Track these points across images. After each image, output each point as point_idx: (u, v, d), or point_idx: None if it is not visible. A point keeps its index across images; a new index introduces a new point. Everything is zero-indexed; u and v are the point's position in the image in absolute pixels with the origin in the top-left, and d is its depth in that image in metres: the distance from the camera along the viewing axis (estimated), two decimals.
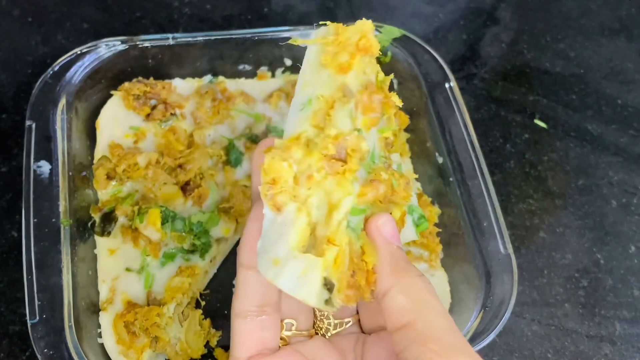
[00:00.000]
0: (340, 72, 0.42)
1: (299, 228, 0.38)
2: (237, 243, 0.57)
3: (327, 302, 0.38)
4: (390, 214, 0.43)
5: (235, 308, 0.43)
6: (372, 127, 0.42)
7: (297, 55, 0.72)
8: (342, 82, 0.41)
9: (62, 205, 0.57)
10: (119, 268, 0.61)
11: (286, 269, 0.38)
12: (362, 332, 0.48)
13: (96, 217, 0.63)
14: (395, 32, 0.70)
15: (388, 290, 0.39)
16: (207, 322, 0.60)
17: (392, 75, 0.45)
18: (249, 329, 0.42)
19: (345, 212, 0.39)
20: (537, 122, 0.79)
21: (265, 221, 0.40)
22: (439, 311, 0.39)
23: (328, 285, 0.38)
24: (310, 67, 0.43)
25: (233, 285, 0.58)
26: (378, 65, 0.45)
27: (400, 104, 0.44)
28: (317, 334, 0.47)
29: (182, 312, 0.59)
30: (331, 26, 0.43)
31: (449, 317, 0.39)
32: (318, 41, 0.43)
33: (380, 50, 0.43)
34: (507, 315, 0.55)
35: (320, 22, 0.44)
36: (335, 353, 0.45)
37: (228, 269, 0.65)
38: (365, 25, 0.43)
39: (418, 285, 0.39)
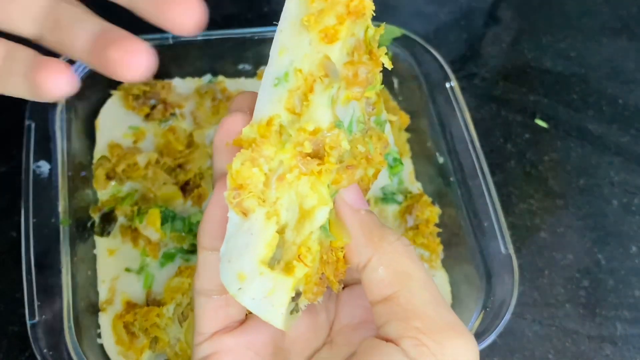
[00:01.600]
0: (325, 41, 0.35)
1: (267, 240, 0.35)
2: None
3: (292, 311, 0.36)
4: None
5: (197, 287, 0.40)
6: (353, 100, 0.37)
7: None
8: (325, 56, 0.35)
9: (62, 205, 0.57)
10: (119, 268, 0.60)
11: (252, 286, 0.35)
12: None
13: (96, 217, 0.63)
14: (396, 31, 0.69)
15: (367, 262, 0.36)
16: None
17: (382, 28, 0.38)
18: (214, 307, 0.40)
19: (320, 223, 0.35)
20: (538, 122, 0.79)
21: (230, 224, 0.36)
22: (423, 283, 0.36)
23: (294, 296, 0.35)
24: (290, 25, 0.36)
25: None
26: (372, 5, 0.36)
27: (390, 66, 0.37)
28: None
29: (182, 313, 0.59)
30: None
31: (433, 289, 0.36)
32: None
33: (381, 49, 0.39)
34: (507, 315, 0.55)
35: None
36: (306, 314, 0.41)
37: None
38: None
39: (399, 252, 0.36)
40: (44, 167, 0.59)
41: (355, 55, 0.36)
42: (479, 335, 0.55)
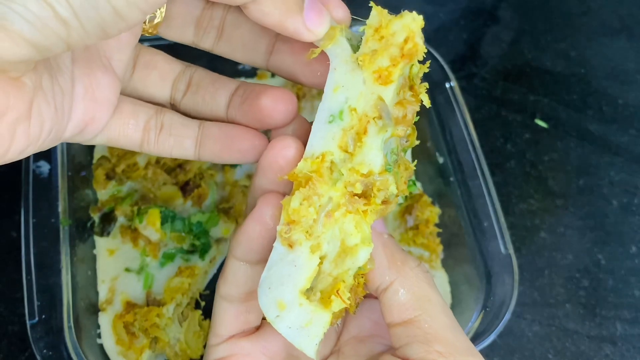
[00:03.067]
0: (379, 82, 0.36)
1: (309, 273, 0.36)
2: None
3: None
4: None
5: (221, 290, 0.41)
6: (397, 137, 0.38)
7: None
8: (379, 97, 0.36)
9: (62, 205, 0.57)
10: (119, 268, 0.60)
11: (290, 315, 0.36)
12: None
13: (95, 217, 0.63)
14: None
15: (389, 285, 0.38)
16: (207, 322, 0.60)
17: (427, 65, 0.39)
18: (235, 313, 0.41)
19: (362, 263, 0.37)
20: (538, 122, 0.79)
21: (274, 253, 0.37)
22: (442, 308, 0.38)
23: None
24: (343, 62, 0.37)
25: None
26: (424, 49, 0.37)
27: (428, 104, 0.38)
28: None
29: (182, 313, 0.59)
30: (374, 12, 0.36)
31: (451, 315, 0.38)
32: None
33: None
34: (507, 315, 0.55)
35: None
36: None
37: None
38: (414, 21, 0.35)
39: (419, 278, 0.38)
40: (44, 167, 0.59)
41: (401, 94, 0.37)
42: (479, 335, 0.55)
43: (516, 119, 0.79)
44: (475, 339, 0.54)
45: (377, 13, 0.36)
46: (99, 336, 0.57)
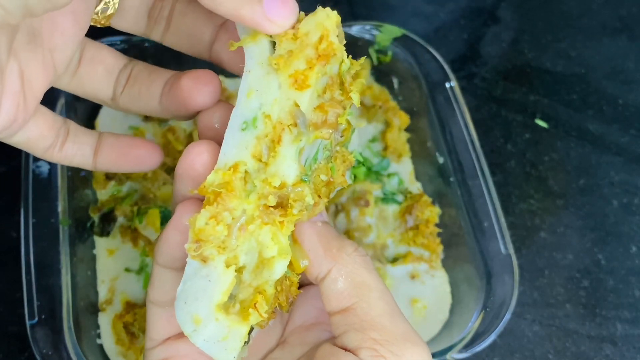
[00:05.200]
0: (295, 87, 0.34)
1: (224, 288, 0.35)
2: None
3: (244, 344, 0.36)
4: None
5: (150, 296, 0.41)
6: (321, 139, 0.36)
7: None
8: (295, 103, 0.34)
9: (61, 205, 0.57)
10: (118, 268, 0.60)
11: (206, 330, 0.35)
12: None
13: (95, 217, 0.63)
14: (396, 31, 0.69)
15: (326, 273, 0.37)
16: None
17: (359, 61, 0.36)
18: (167, 317, 0.40)
19: (279, 276, 0.35)
20: (538, 121, 0.79)
21: (188, 267, 0.36)
22: (380, 294, 0.37)
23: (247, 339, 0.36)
24: (258, 65, 0.35)
25: None
26: (344, 52, 0.35)
27: (358, 104, 0.36)
28: None
29: None
30: None
31: (389, 300, 0.37)
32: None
33: (381, 49, 0.38)
34: (507, 315, 0.55)
35: None
36: None
37: None
38: (327, 19, 0.33)
39: (357, 264, 0.37)
40: (44, 167, 0.59)
41: (327, 94, 0.35)
42: (479, 335, 0.55)
43: (516, 119, 0.79)
44: (476, 339, 0.54)
45: None
46: (99, 336, 0.57)
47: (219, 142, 0.37)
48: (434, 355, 0.54)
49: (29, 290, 0.52)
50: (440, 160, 0.66)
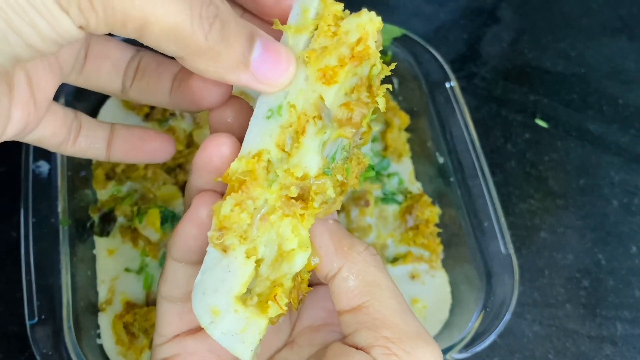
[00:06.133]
0: (322, 81, 0.34)
1: (244, 279, 0.35)
2: None
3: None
4: None
5: (161, 291, 0.40)
6: (343, 138, 0.36)
7: None
8: (320, 97, 0.34)
9: (61, 205, 0.57)
10: (118, 268, 0.60)
11: (224, 322, 0.35)
12: None
13: (95, 217, 0.63)
14: (396, 31, 0.69)
15: (337, 271, 0.37)
16: None
17: (390, 67, 0.37)
18: (178, 313, 0.40)
19: (299, 269, 0.35)
20: (538, 121, 0.79)
21: (208, 257, 0.35)
22: (392, 293, 0.37)
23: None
24: None
25: None
26: (378, 57, 0.35)
27: (384, 108, 0.36)
28: None
29: None
30: (329, 5, 0.34)
31: (401, 299, 0.37)
32: (303, 28, 0.34)
33: (381, 49, 0.38)
34: (508, 315, 0.55)
35: None
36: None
37: None
38: (370, 22, 0.33)
39: (367, 262, 0.37)
40: (44, 167, 0.59)
41: (354, 95, 0.35)
42: (479, 335, 0.55)
43: (516, 118, 0.79)
44: (476, 339, 0.54)
45: (331, 6, 0.34)
46: (99, 336, 0.57)
47: (232, 134, 0.37)
48: None
49: (29, 290, 0.52)
50: (440, 160, 0.65)
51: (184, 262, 0.39)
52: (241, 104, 0.39)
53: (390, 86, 0.36)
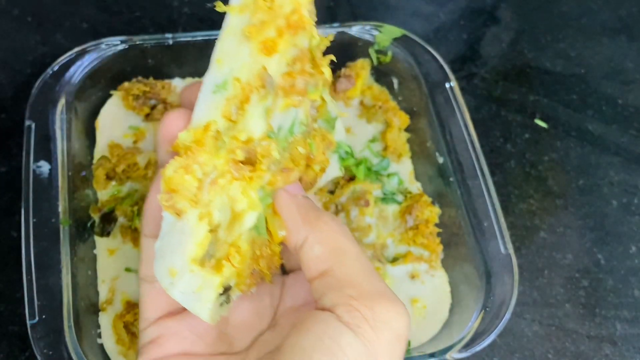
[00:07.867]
0: (264, 53, 0.37)
1: (198, 240, 0.36)
2: None
3: (223, 303, 0.37)
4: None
5: (141, 273, 0.42)
6: (293, 107, 0.39)
7: None
8: (263, 67, 0.37)
9: (62, 205, 0.57)
10: (119, 268, 0.60)
11: (181, 282, 0.36)
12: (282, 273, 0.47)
13: (96, 217, 0.63)
14: (396, 31, 0.69)
15: (304, 241, 0.38)
16: None
17: (329, 38, 0.40)
18: (156, 293, 0.41)
19: (249, 227, 0.37)
20: (538, 122, 0.79)
21: (165, 223, 0.38)
22: (355, 255, 0.38)
23: (224, 289, 0.37)
24: (230, 34, 0.38)
25: None
26: (314, 28, 0.39)
27: (330, 77, 0.39)
28: None
29: None
30: None
31: (365, 261, 0.38)
32: (242, 5, 0.38)
33: (381, 49, 0.40)
34: (507, 315, 0.55)
35: None
36: (250, 300, 0.44)
37: None
38: None
39: (333, 230, 0.38)
40: (44, 167, 0.59)
41: (297, 65, 0.38)
42: (479, 335, 0.55)
43: (516, 119, 0.79)
44: (475, 338, 0.54)
45: None
46: (99, 336, 0.57)
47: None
48: (433, 355, 0.54)
49: (30, 290, 0.52)
50: (440, 160, 0.66)
51: (155, 238, 0.40)
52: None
53: (333, 57, 0.39)
